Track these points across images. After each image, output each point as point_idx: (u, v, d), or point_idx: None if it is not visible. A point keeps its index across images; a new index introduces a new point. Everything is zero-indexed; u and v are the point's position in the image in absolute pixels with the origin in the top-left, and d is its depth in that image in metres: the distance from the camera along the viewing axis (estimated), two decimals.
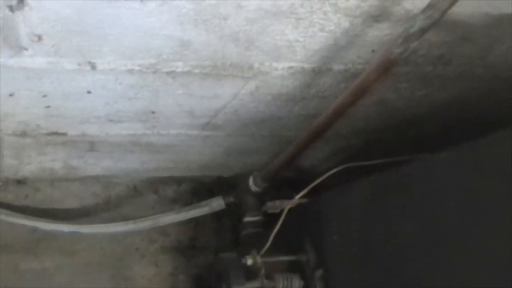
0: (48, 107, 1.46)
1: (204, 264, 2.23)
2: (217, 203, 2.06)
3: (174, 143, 1.82)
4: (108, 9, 1.05)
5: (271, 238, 1.46)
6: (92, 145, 1.81)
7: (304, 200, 1.54)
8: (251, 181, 1.83)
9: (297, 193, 1.57)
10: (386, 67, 1.09)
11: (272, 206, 1.60)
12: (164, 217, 2.08)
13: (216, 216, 2.29)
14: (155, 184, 2.26)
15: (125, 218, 2.12)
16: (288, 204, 1.53)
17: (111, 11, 1.05)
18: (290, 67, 1.34)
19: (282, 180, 2.00)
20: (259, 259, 1.41)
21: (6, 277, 2.04)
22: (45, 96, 1.39)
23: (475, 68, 1.44)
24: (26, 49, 1.16)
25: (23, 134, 1.65)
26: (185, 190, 2.29)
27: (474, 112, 1.70)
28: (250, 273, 1.41)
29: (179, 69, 1.29)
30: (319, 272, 1.40)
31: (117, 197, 2.21)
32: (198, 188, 2.29)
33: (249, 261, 1.42)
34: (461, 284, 1.05)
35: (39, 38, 1.12)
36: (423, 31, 1.00)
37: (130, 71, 1.28)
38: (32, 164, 1.94)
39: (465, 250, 1.05)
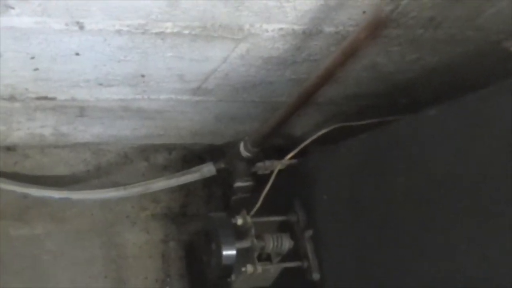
0: (36, 69, 1.45)
1: (194, 231, 2.24)
2: (207, 169, 2.05)
3: (164, 108, 1.81)
4: None
5: (261, 198, 1.46)
6: (82, 111, 1.79)
7: (294, 161, 1.54)
8: (241, 146, 1.82)
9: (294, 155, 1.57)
10: (376, 26, 1.09)
11: (262, 166, 1.60)
12: (155, 183, 2.08)
13: (207, 184, 2.29)
14: (146, 151, 2.25)
15: (115, 185, 2.11)
16: (278, 165, 1.53)
17: None
18: (281, 29, 1.32)
19: (273, 148, 2.00)
20: (249, 219, 1.41)
21: None
22: (33, 58, 1.37)
23: (465, 31, 1.43)
24: (13, 8, 1.14)
25: (11, 98, 1.63)
26: (176, 158, 2.28)
27: (465, 77, 1.69)
28: (240, 233, 1.41)
29: (168, 30, 1.28)
30: (309, 232, 1.41)
31: (108, 164, 2.20)
32: (189, 155, 2.29)
33: (239, 221, 1.42)
34: (451, 239, 1.05)
35: None
36: None
37: (119, 32, 1.27)
38: (21, 130, 1.93)
39: (454, 205, 1.05)
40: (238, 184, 1.90)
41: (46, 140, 2.04)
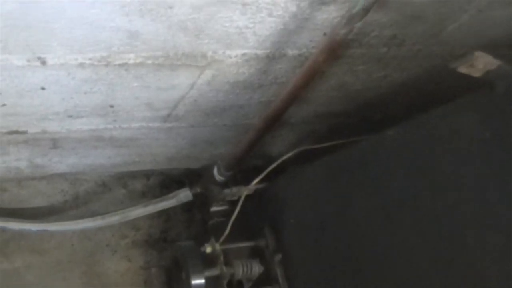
0: (4, 105, 1.44)
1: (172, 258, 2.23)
2: (184, 195, 2.05)
3: (137, 136, 1.81)
4: (51, 1, 1.03)
5: (229, 225, 1.47)
6: (54, 142, 1.79)
7: (261, 186, 1.54)
8: (215, 170, 1.83)
9: (265, 179, 1.58)
10: (333, 49, 1.10)
11: (230, 193, 1.60)
12: (132, 211, 2.08)
13: (187, 208, 2.29)
14: (123, 178, 2.25)
15: (94, 214, 2.11)
16: (245, 190, 1.53)
17: (54, 3, 1.04)
18: (244, 54, 1.33)
19: (251, 169, 2.00)
20: (218, 247, 1.42)
21: None
22: None
23: (430, 46, 1.44)
24: None
25: None
26: (154, 184, 2.28)
27: (434, 91, 1.71)
28: (210, 261, 1.41)
29: (131, 61, 1.28)
30: (278, 257, 1.41)
31: (86, 194, 2.20)
32: (167, 181, 2.29)
33: (208, 249, 1.42)
34: (415, 257, 1.06)
35: None
36: (365, 10, 1.01)
37: (82, 65, 1.27)
38: None
39: (415, 222, 1.06)
40: (214, 208, 1.90)
41: (22, 172, 2.03)
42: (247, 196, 1.52)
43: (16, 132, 1.66)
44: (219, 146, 1.99)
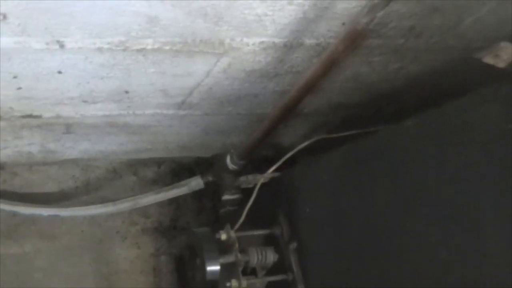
0: (19, 88, 1.45)
1: (185, 244, 2.24)
2: (195, 183, 2.05)
3: (150, 123, 1.81)
4: None
5: (244, 212, 1.47)
6: (68, 128, 1.79)
7: (277, 174, 1.54)
8: (228, 159, 1.83)
9: (276, 170, 1.58)
10: (353, 38, 1.09)
11: (245, 180, 1.60)
12: (143, 198, 2.08)
13: (197, 196, 2.29)
14: (134, 166, 2.25)
15: (105, 201, 2.11)
16: (261, 178, 1.53)
17: None
18: (262, 42, 1.33)
19: (262, 159, 2.00)
20: (233, 234, 1.41)
21: None
22: (15, 77, 1.37)
23: (447, 39, 1.44)
24: None
25: None
26: (165, 171, 2.28)
27: (449, 84, 1.70)
28: (225, 248, 1.41)
29: (149, 46, 1.28)
30: (293, 245, 1.41)
31: (97, 180, 2.20)
32: (178, 169, 2.29)
33: (223, 236, 1.42)
34: (433, 245, 1.06)
35: (4, 16, 1.10)
36: (387, 0, 1.00)
37: (100, 50, 1.27)
38: (9, 148, 1.93)
39: (435, 212, 1.06)
40: (226, 197, 1.90)
41: (34, 157, 2.04)
42: (261, 185, 1.52)
43: (30, 116, 1.66)
44: (232, 135, 1.99)
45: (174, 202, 2.26)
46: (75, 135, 1.87)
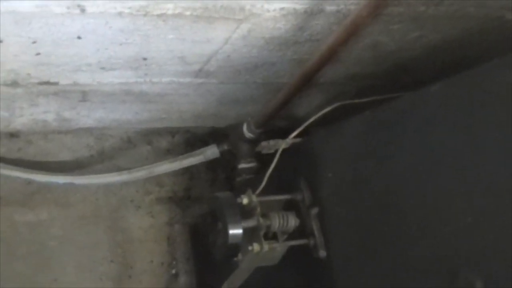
0: (38, 54, 1.45)
1: (199, 213, 2.24)
2: (211, 151, 2.05)
3: (166, 92, 1.81)
4: None
5: (266, 177, 1.46)
6: (84, 95, 1.80)
7: (298, 140, 1.53)
8: (245, 127, 1.82)
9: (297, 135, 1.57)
10: (377, 3, 1.08)
11: (267, 146, 1.60)
12: (159, 167, 2.08)
13: (211, 166, 2.30)
14: (148, 135, 2.25)
15: (119, 170, 2.12)
16: (282, 144, 1.53)
17: None
18: (282, 8, 1.32)
19: (276, 130, 2.00)
20: (254, 198, 1.41)
21: (1, 230, 2.05)
22: (34, 42, 1.37)
23: (466, 7, 1.43)
24: None
25: (14, 83, 1.63)
26: (179, 141, 2.29)
27: (467, 54, 1.69)
28: (246, 213, 1.41)
29: (169, 11, 1.27)
30: (314, 210, 1.41)
31: (111, 149, 2.21)
32: (192, 139, 2.30)
33: (245, 200, 1.42)
34: (455, 214, 1.06)
35: None
36: None
37: (120, 14, 1.26)
38: (24, 116, 1.93)
39: (457, 180, 1.05)
40: (242, 165, 1.90)
41: (49, 125, 2.04)
42: (282, 151, 1.52)
43: (47, 83, 1.66)
44: (247, 105, 1.99)
45: (188, 172, 2.27)
46: (90, 103, 1.87)
